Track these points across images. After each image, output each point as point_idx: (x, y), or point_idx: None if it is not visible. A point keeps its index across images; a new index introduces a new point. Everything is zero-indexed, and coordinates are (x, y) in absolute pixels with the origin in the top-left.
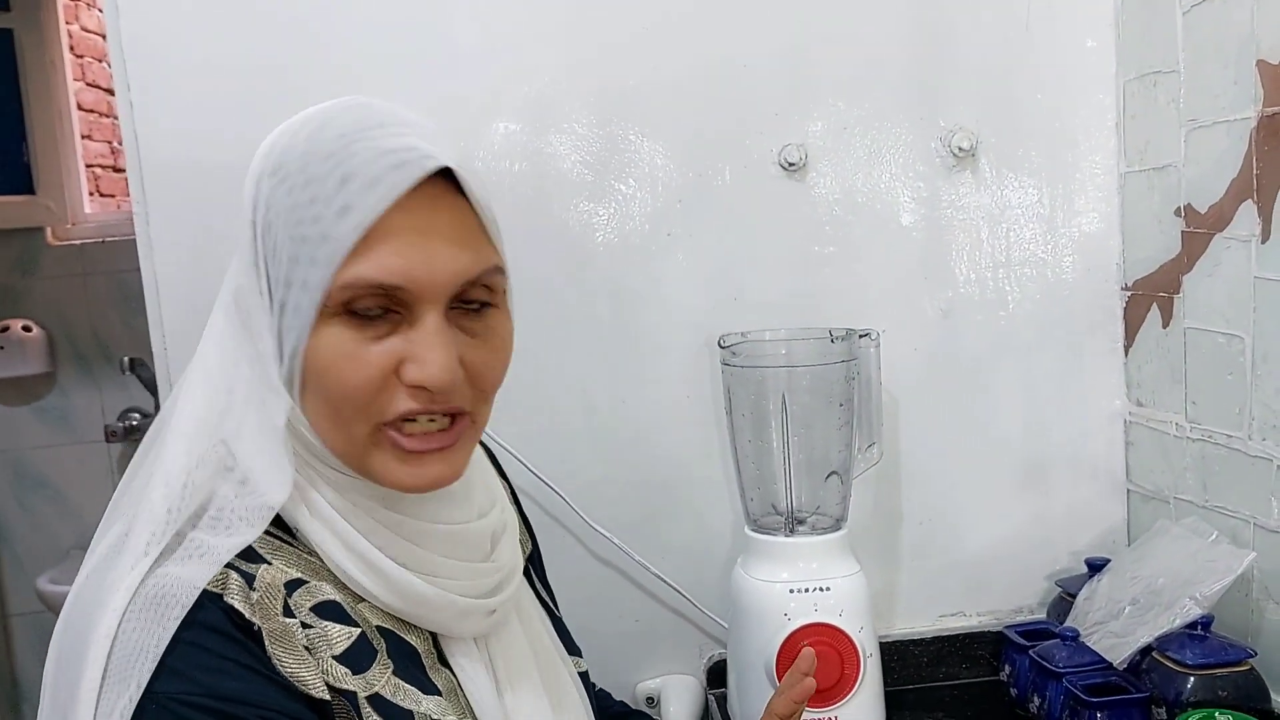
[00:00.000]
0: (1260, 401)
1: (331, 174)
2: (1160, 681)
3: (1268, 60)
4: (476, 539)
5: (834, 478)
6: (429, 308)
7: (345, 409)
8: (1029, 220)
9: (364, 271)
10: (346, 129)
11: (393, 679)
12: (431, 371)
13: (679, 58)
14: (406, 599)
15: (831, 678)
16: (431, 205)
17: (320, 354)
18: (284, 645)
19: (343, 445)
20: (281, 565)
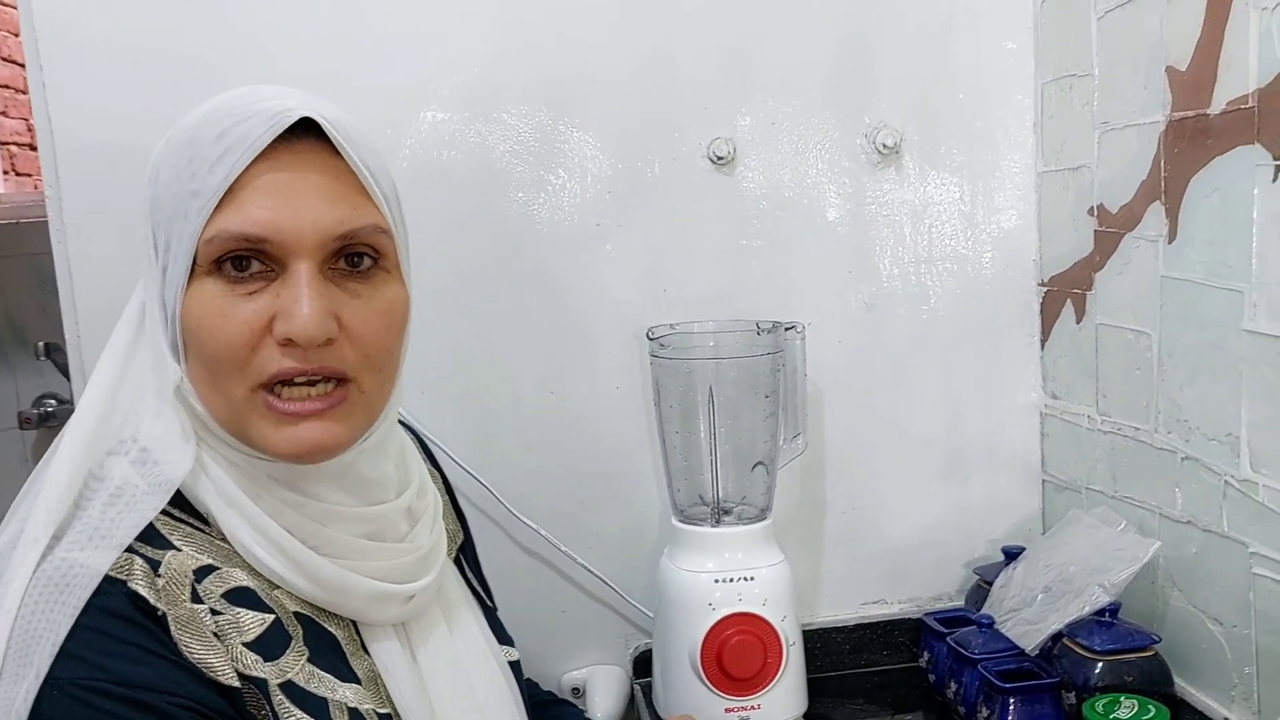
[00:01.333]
0: (1166, 396)
1: (210, 134)
2: (1070, 667)
3: (1176, 67)
4: (390, 519)
5: (760, 468)
6: (299, 261)
7: (220, 370)
8: (950, 217)
9: (227, 224)
10: (234, 100)
11: (308, 666)
12: (297, 324)
13: (609, 50)
14: (320, 584)
15: (754, 666)
16: (303, 162)
17: (194, 312)
18: (190, 631)
19: (224, 411)
20: (192, 552)
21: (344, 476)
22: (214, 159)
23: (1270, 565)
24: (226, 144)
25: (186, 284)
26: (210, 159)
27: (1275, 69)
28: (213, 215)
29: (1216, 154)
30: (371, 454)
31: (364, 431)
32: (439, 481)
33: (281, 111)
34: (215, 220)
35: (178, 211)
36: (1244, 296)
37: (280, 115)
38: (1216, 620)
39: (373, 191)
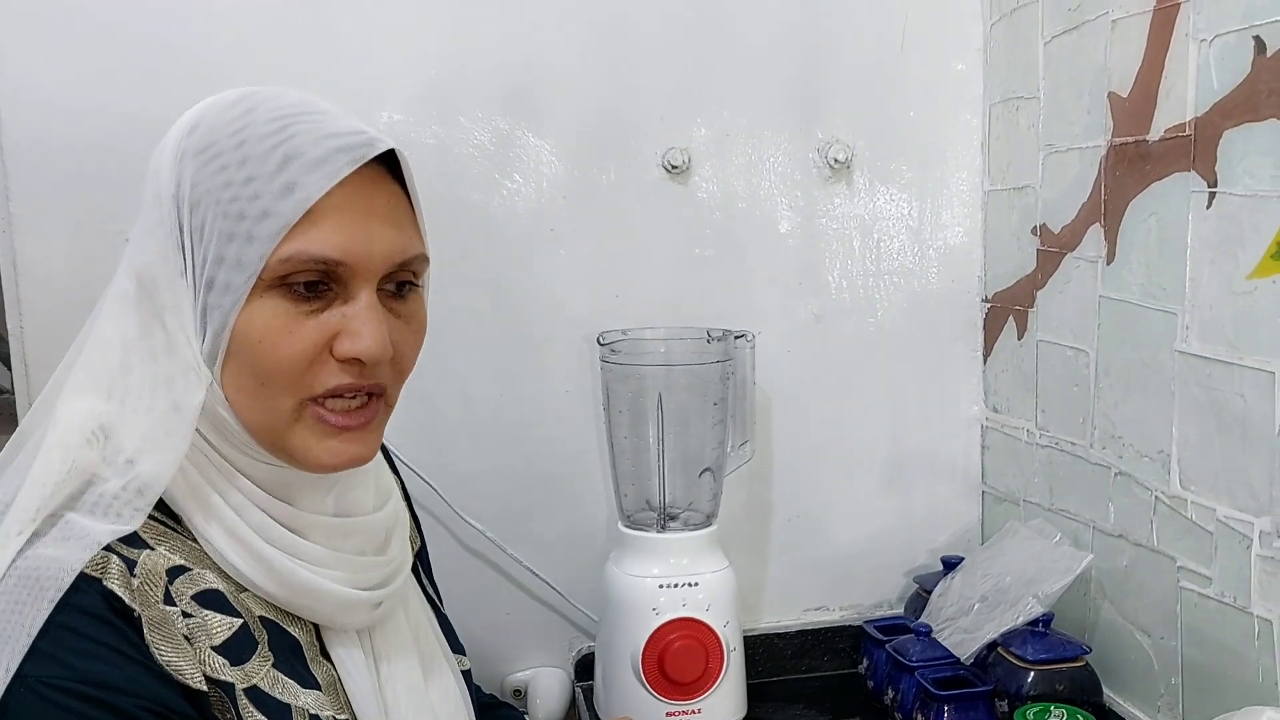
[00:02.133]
0: (1101, 412)
1: (272, 154)
2: (1004, 675)
3: (1118, 93)
4: (372, 532)
5: (707, 475)
6: (363, 285)
7: (275, 382)
8: (898, 232)
9: (306, 246)
10: (281, 112)
11: (272, 671)
12: (366, 344)
13: (568, 55)
14: (290, 589)
15: (695, 671)
16: (372, 188)
17: (254, 327)
18: (163, 634)
19: (263, 421)
20: (165, 551)
21: (332, 488)
22: (284, 182)
23: (1196, 579)
24: (296, 168)
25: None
26: (279, 181)
27: (1212, 99)
28: (288, 235)
29: (1154, 179)
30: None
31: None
32: (399, 485)
33: (365, 144)
34: (290, 242)
35: (237, 231)
36: (1177, 318)
37: (364, 147)
38: (1145, 632)
39: (420, 220)
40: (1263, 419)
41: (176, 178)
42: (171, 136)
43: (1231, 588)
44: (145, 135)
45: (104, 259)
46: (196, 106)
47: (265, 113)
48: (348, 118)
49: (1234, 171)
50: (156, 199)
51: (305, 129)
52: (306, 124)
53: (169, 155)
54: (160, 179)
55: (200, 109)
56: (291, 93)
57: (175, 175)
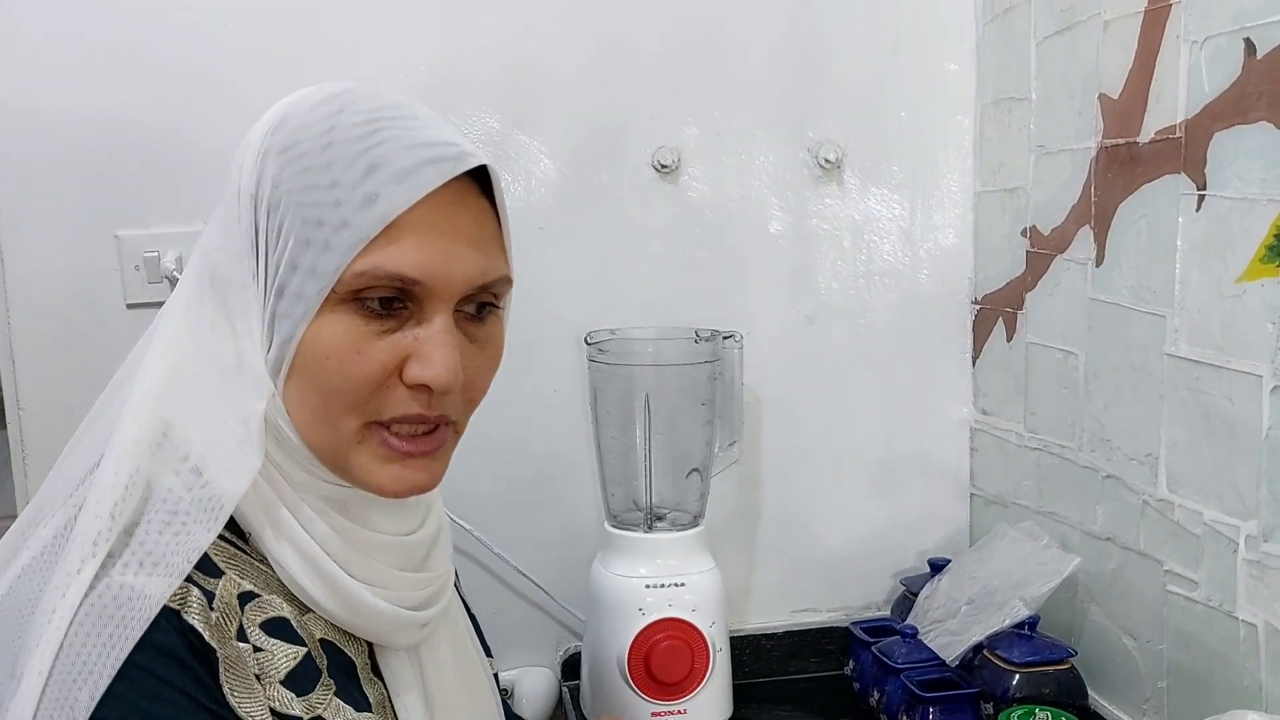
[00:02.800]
0: (1090, 415)
1: (358, 160)
2: (989, 678)
3: (1109, 94)
4: (415, 548)
5: (694, 475)
6: (440, 307)
7: (339, 401)
8: (889, 233)
9: (383, 262)
10: (372, 114)
11: (335, 700)
12: (437, 371)
13: (558, 54)
14: (352, 610)
15: (681, 671)
16: (459, 204)
17: (322, 342)
18: (236, 673)
19: (325, 440)
20: (235, 576)
21: (395, 509)
22: (367, 192)
23: (1183, 583)
24: (381, 178)
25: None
26: (363, 190)
27: (1202, 101)
28: (366, 249)
29: (1144, 181)
30: None
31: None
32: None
33: (455, 157)
34: (367, 256)
35: (314, 239)
36: (1166, 321)
37: (454, 160)
38: (1131, 635)
39: (507, 243)
40: (1250, 423)
41: (257, 175)
42: (256, 131)
43: (1218, 591)
44: (134, 133)
45: (92, 255)
46: (285, 100)
47: (355, 114)
48: (442, 125)
49: (1224, 174)
50: (236, 196)
51: (395, 135)
52: (397, 129)
53: (252, 151)
54: (242, 175)
55: (288, 104)
56: (388, 93)
57: (256, 173)
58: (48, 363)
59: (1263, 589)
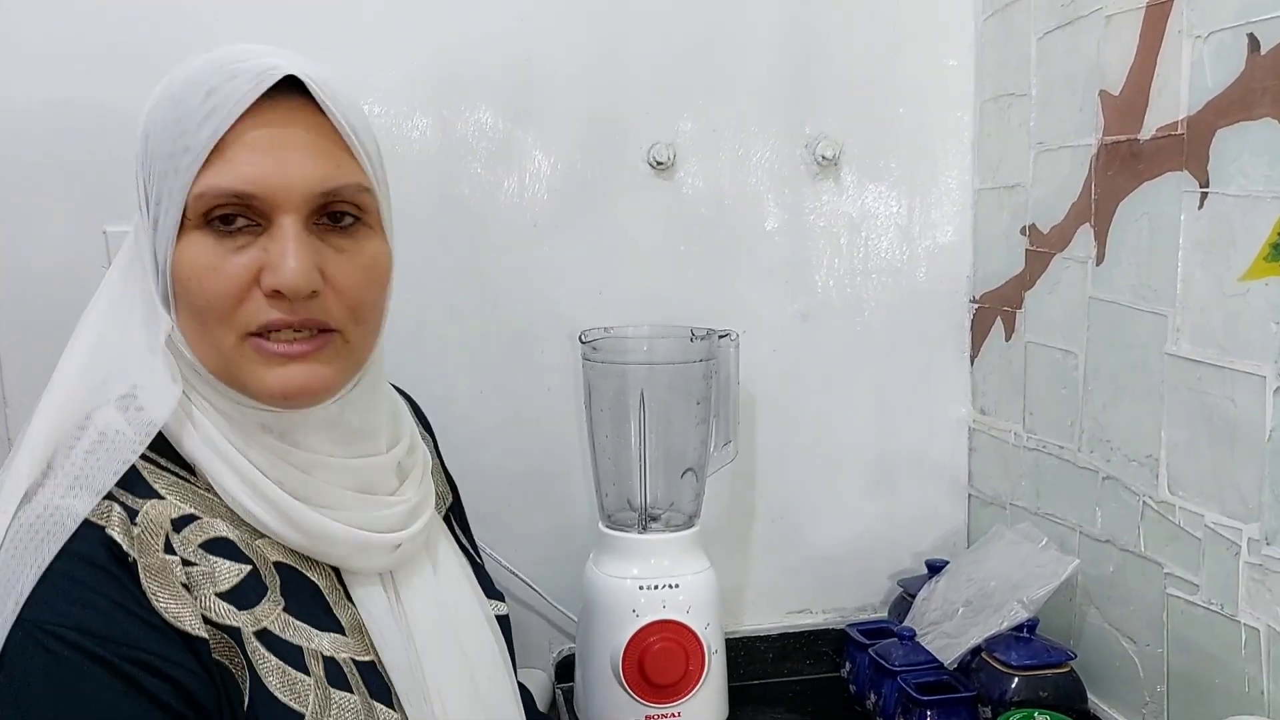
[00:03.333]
0: (1090, 416)
1: (198, 92)
2: (987, 681)
3: (1110, 91)
4: (380, 472)
5: (689, 475)
6: (284, 216)
7: (210, 318)
8: (887, 230)
9: (218, 180)
10: (221, 59)
11: (283, 615)
12: (285, 276)
13: (553, 48)
14: (303, 532)
15: (676, 674)
16: (289, 118)
17: (184, 265)
18: (160, 581)
19: (214, 359)
20: (175, 501)
21: (333, 427)
22: (202, 116)
23: (1184, 586)
24: (214, 102)
25: (177, 237)
26: (199, 115)
27: (1205, 97)
28: (202, 171)
29: (1146, 179)
30: (358, 404)
31: (349, 379)
32: (430, 443)
33: (267, 69)
34: (204, 176)
35: (168, 168)
36: (1168, 320)
37: (266, 73)
38: (1131, 639)
39: (356, 150)
40: (1253, 424)
41: (142, 132)
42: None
43: (1219, 595)
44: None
45: (79, 251)
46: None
47: (212, 58)
48: (279, 54)
49: (1227, 171)
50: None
51: (229, 65)
52: (232, 60)
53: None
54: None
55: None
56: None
57: (142, 130)
58: (34, 359)
59: (1265, 593)
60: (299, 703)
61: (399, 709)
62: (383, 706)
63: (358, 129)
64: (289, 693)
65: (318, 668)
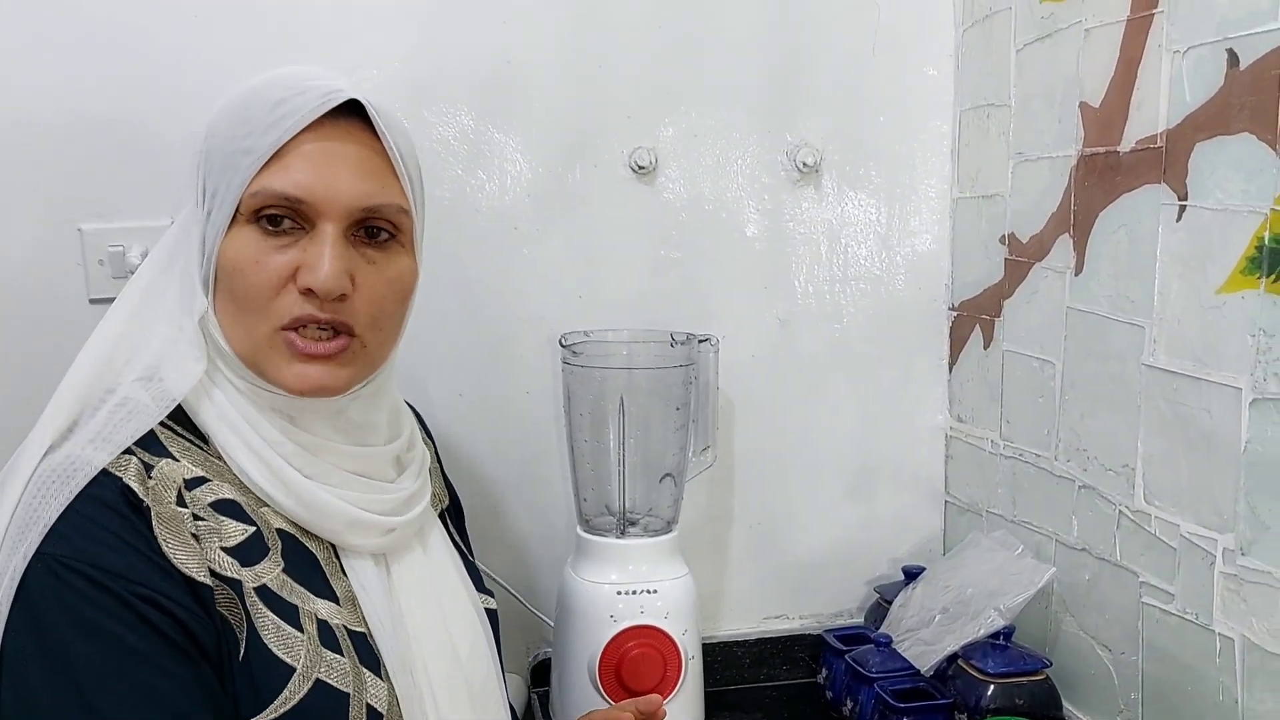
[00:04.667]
0: (1066, 425)
1: (266, 101)
2: (964, 688)
3: (1089, 103)
4: (377, 462)
5: (668, 480)
6: (326, 223)
7: (248, 306)
8: (866, 237)
9: (273, 182)
10: (291, 76)
11: (282, 575)
12: (319, 277)
13: (534, 51)
14: (303, 504)
15: (653, 680)
16: (344, 135)
17: (230, 255)
18: (170, 529)
19: (244, 344)
20: (188, 464)
21: (337, 417)
22: (268, 123)
23: (1159, 595)
24: (281, 112)
25: (227, 228)
26: (265, 123)
27: (1184, 111)
28: (260, 173)
29: (1124, 191)
30: (363, 402)
31: (361, 380)
32: (431, 448)
33: (334, 90)
34: (261, 177)
35: (228, 165)
36: (1145, 331)
37: (333, 93)
38: (1106, 647)
39: (400, 173)
40: (1229, 435)
41: (207, 132)
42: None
43: (1194, 604)
44: (100, 125)
45: (55, 249)
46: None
47: (282, 75)
48: (339, 76)
49: (1205, 185)
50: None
51: (299, 82)
52: (302, 79)
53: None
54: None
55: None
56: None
57: (207, 130)
58: (7, 358)
59: (1239, 603)
60: (291, 657)
61: (386, 679)
62: (371, 674)
63: (405, 155)
64: (282, 647)
65: (311, 627)
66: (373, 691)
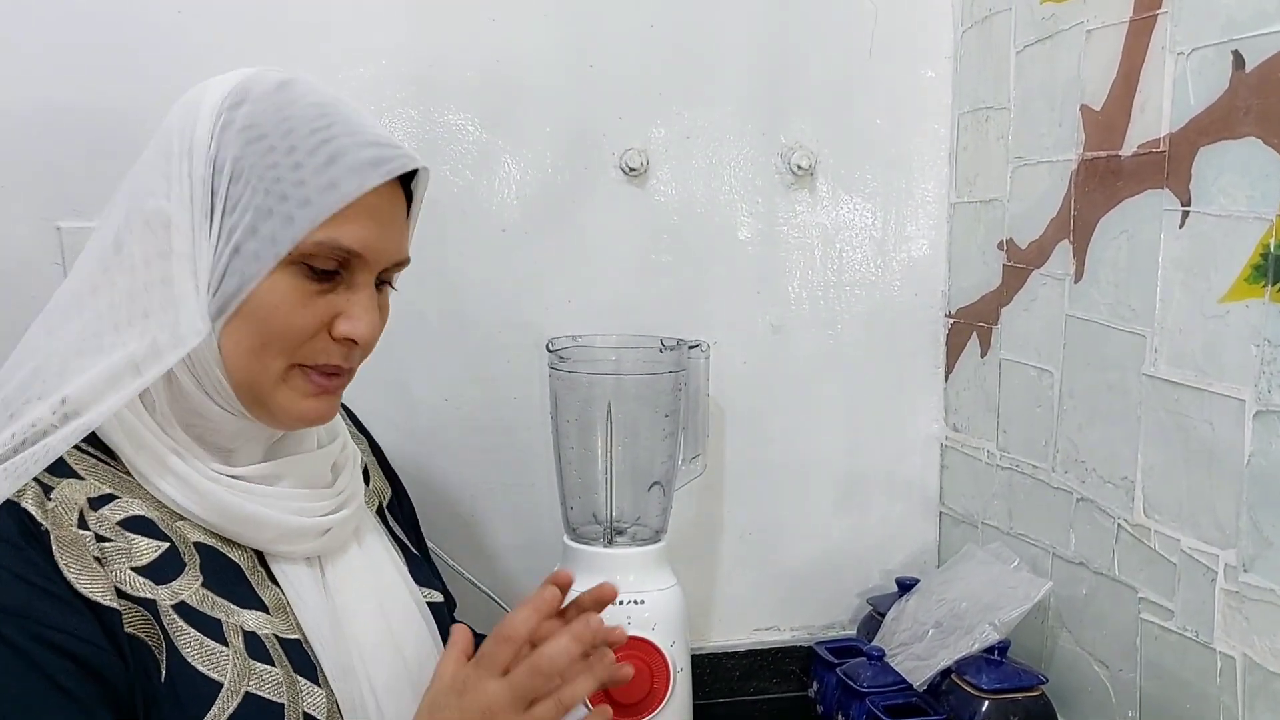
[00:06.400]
0: (1065, 435)
1: (318, 149)
2: (957, 704)
3: (1090, 106)
4: (316, 465)
5: (656, 488)
6: (367, 276)
7: (276, 345)
8: (861, 242)
9: (338, 236)
10: (322, 108)
11: (201, 590)
12: (362, 329)
13: (523, 50)
14: (227, 517)
15: (641, 691)
16: (391, 193)
17: (269, 296)
18: (71, 553)
19: (252, 375)
20: (94, 481)
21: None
22: (329, 180)
23: (1158, 611)
24: (338, 173)
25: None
26: (325, 177)
27: (1188, 114)
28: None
29: (1126, 196)
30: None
31: None
32: (363, 443)
33: (396, 157)
34: (325, 230)
35: (276, 210)
36: (1146, 341)
37: (400, 159)
38: (1103, 663)
39: (412, 229)
40: (1231, 448)
41: (216, 143)
42: (209, 101)
43: (1194, 622)
44: (78, 122)
45: (32, 248)
46: (233, 78)
47: (307, 105)
48: (377, 124)
49: (1209, 190)
50: (185, 153)
51: (345, 129)
52: (345, 125)
53: (206, 118)
54: (194, 136)
55: (241, 83)
56: (322, 86)
57: (213, 140)
58: None
59: (1241, 621)
60: (217, 672)
61: (324, 685)
62: (306, 681)
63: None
64: (207, 663)
65: (237, 640)
66: (309, 700)
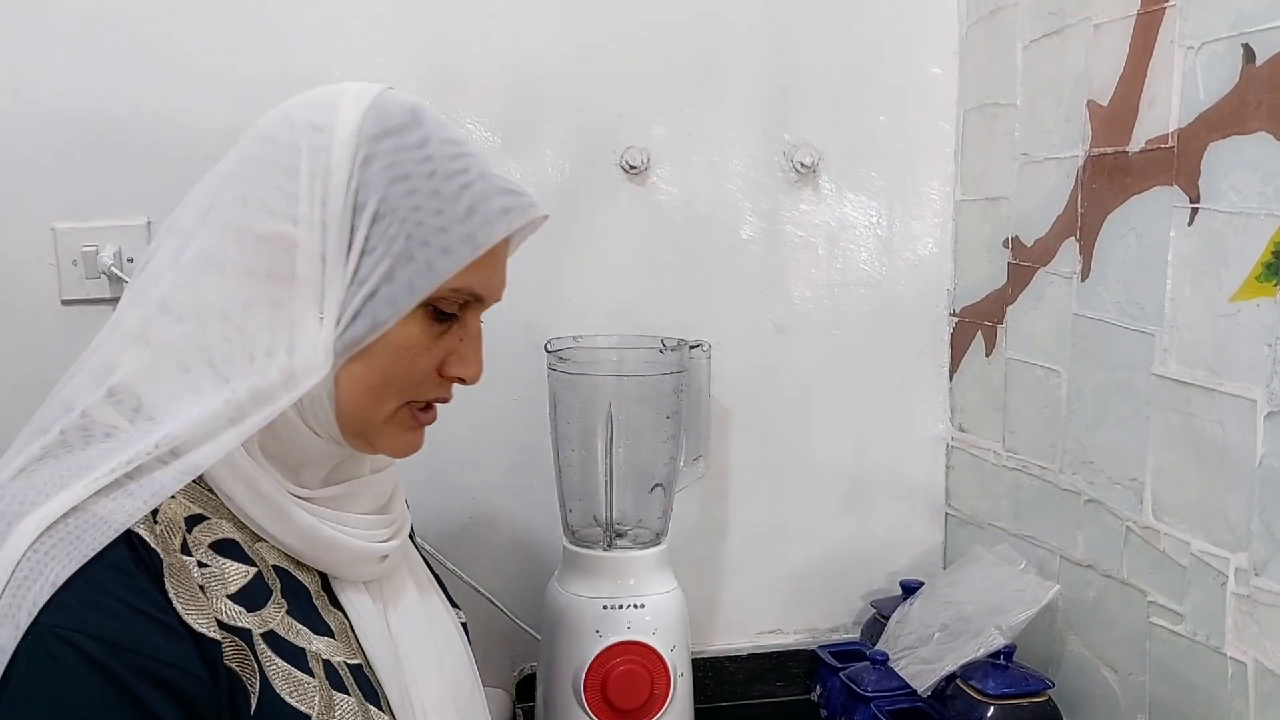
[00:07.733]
0: (1073, 436)
1: (459, 196)
2: (963, 709)
3: (1098, 101)
4: (382, 488)
5: (658, 490)
6: (478, 314)
7: (396, 385)
8: (866, 241)
9: (473, 284)
10: (455, 141)
11: (286, 618)
12: (475, 371)
13: (522, 49)
14: (307, 541)
15: (640, 697)
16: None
17: (399, 338)
18: (180, 581)
19: (366, 412)
20: (184, 499)
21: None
22: (467, 231)
23: (1167, 615)
24: (482, 217)
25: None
26: (464, 228)
27: (1197, 110)
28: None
29: (1134, 193)
30: None
31: None
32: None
33: (529, 206)
34: (462, 277)
35: (417, 256)
36: (1155, 340)
37: (530, 209)
38: (1111, 667)
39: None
40: (1243, 449)
41: (357, 179)
42: (344, 126)
43: (1204, 625)
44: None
45: (26, 248)
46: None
47: (442, 143)
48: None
49: (1218, 187)
50: (317, 176)
51: (479, 173)
52: (479, 167)
53: (344, 145)
54: (328, 162)
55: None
56: (448, 124)
57: (354, 174)
58: None
59: (1253, 625)
60: (305, 704)
61: (387, 710)
62: (375, 710)
63: None
64: (296, 694)
65: (319, 669)
66: None
